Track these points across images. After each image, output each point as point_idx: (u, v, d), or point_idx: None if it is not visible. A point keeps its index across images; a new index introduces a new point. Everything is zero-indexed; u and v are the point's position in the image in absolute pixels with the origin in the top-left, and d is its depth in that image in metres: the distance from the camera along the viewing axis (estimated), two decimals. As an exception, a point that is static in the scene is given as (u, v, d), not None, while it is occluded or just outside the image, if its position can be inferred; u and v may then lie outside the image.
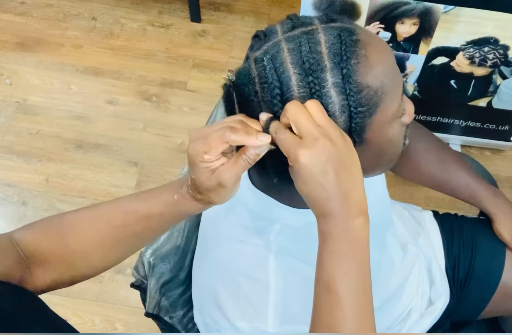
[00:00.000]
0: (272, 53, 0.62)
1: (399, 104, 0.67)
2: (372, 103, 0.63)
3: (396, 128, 0.68)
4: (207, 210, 0.87)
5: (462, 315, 1.08)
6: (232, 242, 0.78)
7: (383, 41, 0.67)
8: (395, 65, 0.67)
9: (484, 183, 1.07)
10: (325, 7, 1.41)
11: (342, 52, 0.61)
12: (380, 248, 0.92)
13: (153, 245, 0.93)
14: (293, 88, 0.62)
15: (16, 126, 1.89)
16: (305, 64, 0.61)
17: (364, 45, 0.63)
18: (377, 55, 0.63)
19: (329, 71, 0.61)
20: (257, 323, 0.74)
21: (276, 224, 0.76)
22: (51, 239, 0.73)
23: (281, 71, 0.62)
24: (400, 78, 0.67)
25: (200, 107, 1.93)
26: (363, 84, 0.62)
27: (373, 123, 0.65)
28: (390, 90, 0.65)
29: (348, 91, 0.62)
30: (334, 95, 0.62)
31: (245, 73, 0.65)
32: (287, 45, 0.62)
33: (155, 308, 0.92)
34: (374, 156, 0.69)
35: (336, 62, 0.61)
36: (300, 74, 0.61)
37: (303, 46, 0.61)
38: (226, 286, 0.77)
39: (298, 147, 0.59)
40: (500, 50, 1.43)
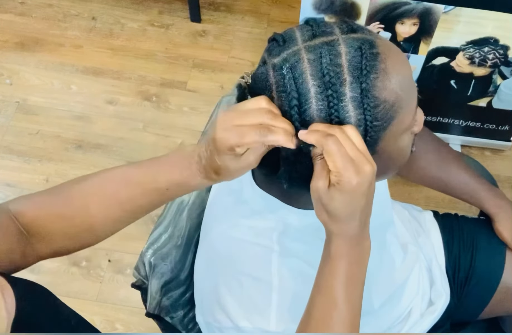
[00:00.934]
0: (291, 62, 0.62)
1: (413, 117, 0.67)
2: (388, 118, 0.63)
3: (407, 138, 0.69)
4: (209, 209, 0.88)
5: (462, 315, 1.08)
6: (235, 241, 0.78)
7: (402, 54, 0.67)
8: (411, 79, 0.67)
9: (484, 183, 1.07)
10: (325, 7, 1.41)
11: (363, 66, 0.61)
12: (381, 248, 0.92)
13: (154, 244, 0.93)
14: (311, 100, 0.61)
15: (16, 126, 1.89)
16: (325, 77, 0.61)
17: (383, 59, 0.62)
18: (395, 70, 0.63)
19: (348, 85, 0.61)
20: (260, 323, 0.74)
21: (279, 224, 0.76)
22: (53, 214, 0.72)
23: (300, 82, 0.61)
24: (415, 91, 0.67)
25: (200, 107, 1.93)
26: (380, 99, 0.62)
27: (387, 135, 0.65)
28: (406, 104, 0.65)
29: (366, 106, 0.61)
30: (351, 110, 0.62)
31: (263, 78, 0.64)
32: (307, 56, 0.62)
33: (156, 308, 0.92)
34: (384, 165, 0.69)
35: (356, 76, 0.61)
36: (319, 87, 0.61)
37: (323, 57, 0.61)
38: (229, 286, 0.77)
39: (352, 169, 0.60)
40: (500, 50, 1.43)
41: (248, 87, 0.66)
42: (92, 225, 0.73)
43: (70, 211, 0.73)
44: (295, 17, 1.49)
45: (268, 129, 0.60)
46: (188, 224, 0.95)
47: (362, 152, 0.61)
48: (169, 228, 0.94)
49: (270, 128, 0.60)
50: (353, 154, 0.60)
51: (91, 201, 0.72)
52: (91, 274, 1.64)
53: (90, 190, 0.73)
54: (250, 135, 0.60)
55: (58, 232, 0.72)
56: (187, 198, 0.97)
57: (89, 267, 1.65)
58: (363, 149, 0.61)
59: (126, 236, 1.69)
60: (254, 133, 0.60)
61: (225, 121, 0.62)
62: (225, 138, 0.61)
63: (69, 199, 0.73)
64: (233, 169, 0.64)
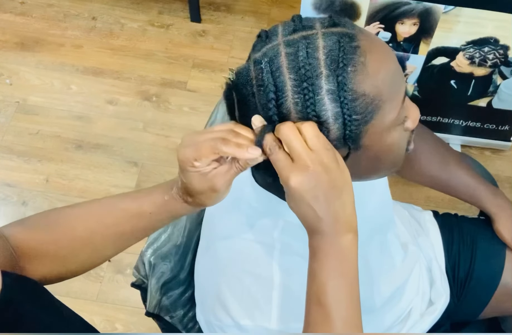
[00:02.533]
0: (270, 56, 0.62)
1: (398, 112, 0.66)
2: (368, 111, 0.63)
3: (396, 135, 0.68)
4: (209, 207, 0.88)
5: (462, 315, 1.08)
6: (236, 239, 0.78)
7: (386, 49, 0.66)
8: (397, 74, 0.66)
9: (484, 183, 1.07)
10: (325, 7, 1.41)
11: (340, 59, 0.61)
12: (381, 248, 0.92)
13: (153, 244, 0.93)
14: (288, 93, 0.62)
15: (16, 126, 1.89)
16: (301, 70, 0.61)
17: (363, 52, 0.62)
18: (376, 63, 0.62)
19: (324, 78, 0.61)
20: (261, 321, 0.74)
21: (279, 221, 0.76)
22: (41, 235, 0.73)
23: (277, 76, 0.62)
24: (401, 86, 0.66)
25: (200, 107, 1.93)
26: (359, 92, 0.62)
27: (370, 130, 0.64)
28: (389, 99, 0.64)
29: (343, 99, 0.61)
30: (328, 103, 0.61)
31: (244, 73, 0.65)
32: (285, 50, 0.62)
33: (156, 308, 0.92)
34: (373, 161, 0.69)
35: (332, 69, 0.61)
36: (295, 80, 0.61)
37: (300, 51, 0.61)
38: (230, 284, 0.77)
39: (289, 171, 0.60)
40: (500, 50, 1.43)
41: (232, 83, 0.66)
42: (75, 248, 0.74)
43: (56, 233, 0.73)
44: (295, 17, 1.49)
45: (223, 140, 0.61)
46: (188, 223, 0.95)
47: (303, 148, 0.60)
48: (168, 228, 0.94)
49: (225, 140, 0.61)
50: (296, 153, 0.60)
51: (77, 224, 0.74)
52: (91, 274, 1.64)
53: (77, 214, 0.75)
54: (204, 147, 0.61)
55: (45, 254, 0.73)
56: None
57: (89, 267, 1.65)
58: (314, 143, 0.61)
59: (126, 236, 1.69)
60: (208, 144, 0.61)
61: (186, 139, 0.64)
62: (182, 153, 0.63)
63: (56, 222, 0.75)
64: (200, 188, 0.65)
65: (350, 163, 0.66)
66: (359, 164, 0.68)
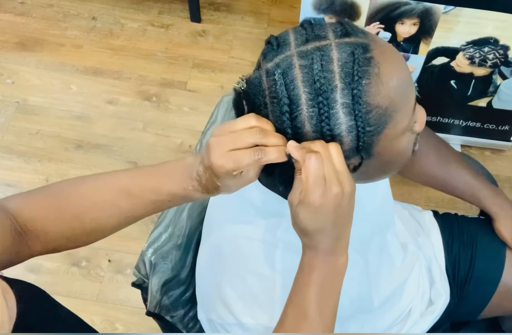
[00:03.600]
0: (283, 68, 0.62)
1: (409, 119, 0.66)
2: (381, 122, 0.63)
3: (406, 140, 0.68)
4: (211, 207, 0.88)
5: (462, 315, 1.08)
6: (239, 238, 0.78)
7: (398, 56, 0.65)
8: (408, 81, 0.65)
9: (485, 182, 1.07)
10: (325, 8, 1.41)
11: (354, 72, 0.60)
12: (381, 248, 0.92)
13: (154, 244, 0.93)
14: (302, 107, 0.61)
15: (16, 126, 1.89)
16: (316, 83, 0.60)
17: (377, 64, 0.62)
18: (389, 73, 0.62)
19: (339, 91, 0.60)
20: (263, 319, 0.74)
21: (282, 221, 0.76)
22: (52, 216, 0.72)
23: (291, 89, 0.61)
24: (412, 93, 0.66)
25: (200, 107, 1.93)
26: (373, 105, 0.62)
27: (381, 139, 0.65)
28: (401, 107, 0.64)
29: (357, 112, 0.61)
30: (342, 117, 0.61)
31: (256, 83, 0.64)
32: (299, 62, 0.61)
33: (156, 307, 0.92)
34: (383, 167, 0.69)
35: (347, 82, 0.60)
36: (310, 94, 0.61)
37: (315, 64, 0.60)
38: (232, 282, 0.77)
39: (321, 191, 0.61)
40: (500, 50, 1.43)
41: (243, 92, 0.65)
42: (88, 230, 0.74)
43: (69, 216, 0.73)
44: (295, 17, 1.49)
45: (262, 151, 0.61)
46: (189, 223, 0.95)
47: (336, 172, 0.61)
48: (169, 227, 0.94)
49: (263, 150, 0.61)
50: (327, 173, 0.61)
51: (90, 207, 0.73)
52: (91, 274, 1.64)
53: (88, 196, 0.73)
54: (245, 160, 0.61)
55: (55, 233, 0.73)
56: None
57: (89, 267, 1.65)
58: (340, 169, 0.62)
59: (126, 236, 1.69)
60: (248, 157, 0.61)
61: (218, 147, 0.63)
62: (222, 165, 0.62)
63: (68, 203, 0.73)
64: (234, 186, 0.67)
65: (360, 171, 0.67)
66: (369, 170, 0.69)
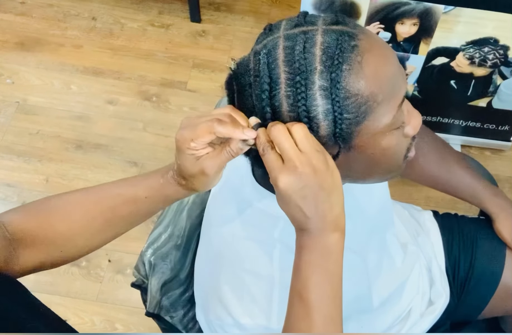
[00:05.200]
0: (268, 48, 0.63)
1: (394, 116, 0.65)
2: (361, 112, 0.62)
3: (393, 139, 0.67)
4: (210, 207, 0.88)
5: (462, 315, 1.08)
6: (236, 238, 0.78)
7: (387, 51, 0.65)
8: (396, 77, 0.65)
9: (485, 182, 1.07)
10: (325, 8, 1.41)
11: (335, 56, 0.61)
12: (381, 248, 0.92)
13: (154, 244, 0.93)
14: (281, 85, 0.62)
15: (16, 126, 1.89)
16: (296, 63, 0.61)
17: (361, 52, 0.62)
18: (374, 64, 0.62)
19: (318, 73, 0.61)
20: (261, 320, 0.74)
21: (280, 221, 0.76)
22: (39, 221, 0.74)
23: (272, 68, 0.62)
24: (399, 90, 0.65)
25: (200, 107, 1.93)
26: (352, 92, 0.61)
27: (362, 131, 0.64)
28: (384, 101, 0.63)
29: (334, 96, 0.61)
30: (319, 99, 0.61)
31: (244, 64, 0.66)
32: (284, 43, 0.63)
33: (156, 308, 0.92)
34: (367, 164, 0.69)
35: (327, 65, 0.61)
36: (289, 73, 0.62)
37: (297, 45, 0.61)
38: (230, 283, 0.77)
39: (278, 172, 0.61)
40: (500, 50, 1.43)
41: (233, 72, 0.67)
42: (74, 233, 0.75)
43: (54, 218, 0.74)
44: (295, 17, 1.49)
45: (219, 121, 0.62)
46: (188, 223, 0.95)
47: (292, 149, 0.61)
48: (168, 228, 0.94)
49: (221, 121, 0.62)
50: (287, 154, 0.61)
51: (75, 209, 0.75)
52: (91, 274, 1.64)
53: (74, 199, 0.76)
54: (201, 127, 0.63)
55: (42, 240, 0.73)
56: (187, 197, 0.97)
57: (89, 267, 1.65)
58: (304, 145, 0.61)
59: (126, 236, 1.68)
60: (205, 125, 0.63)
61: (185, 121, 0.65)
62: (180, 134, 0.64)
63: (53, 207, 0.76)
64: (191, 171, 0.66)
65: (342, 165, 0.66)
66: (352, 166, 0.68)
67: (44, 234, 0.73)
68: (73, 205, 0.76)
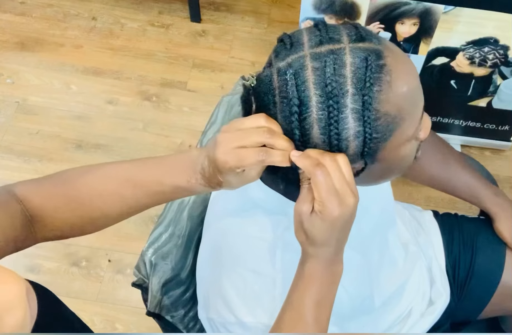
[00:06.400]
0: (295, 69, 0.62)
1: (416, 128, 0.67)
2: (389, 130, 0.63)
3: (410, 147, 0.69)
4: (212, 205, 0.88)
5: (462, 315, 1.08)
6: (239, 236, 0.78)
7: (409, 64, 0.66)
8: (418, 89, 0.66)
9: (485, 182, 1.07)
10: (325, 8, 1.41)
11: (366, 79, 0.61)
12: (383, 248, 0.92)
13: (154, 244, 0.93)
14: (312, 109, 0.62)
15: (16, 126, 1.89)
16: (328, 87, 0.61)
17: (389, 71, 0.62)
18: (400, 82, 0.63)
19: (350, 96, 0.61)
20: (263, 318, 0.74)
21: (283, 219, 0.76)
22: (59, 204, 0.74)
23: (302, 90, 0.62)
24: (420, 101, 0.67)
25: (200, 107, 1.93)
26: (382, 112, 0.62)
27: (387, 146, 0.65)
28: (409, 116, 0.64)
29: (366, 118, 0.61)
30: (351, 122, 0.62)
31: (267, 81, 0.64)
32: (312, 63, 0.62)
33: (157, 307, 0.92)
34: (384, 171, 0.70)
35: (359, 88, 0.61)
36: (321, 96, 0.61)
37: (328, 67, 0.61)
38: (233, 281, 0.77)
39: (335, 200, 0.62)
40: (500, 50, 1.43)
41: (253, 89, 0.66)
42: (93, 218, 0.75)
43: (75, 203, 0.74)
44: (295, 17, 1.49)
45: (267, 152, 0.62)
46: (189, 223, 0.95)
47: (348, 184, 0.62)
48: (169, 227, 0.94)
49: (269, 151, 0.62)
50: (338, 186, 0.62)
51: (96, 196, 0.74)
52: (91, 274, 1.64)
53: (94, 185, 0.74)
54: (249, 159, 0.62)
55: (62, 221, 0.74)
56: (188, 197, 0.97)
57: (89, 267, 1.65)
58: (350, 181, 0.63)
59: (126, 236, 1.69)
60: (253, 156, 0.62)
61: (225, 143, 0.63)
62: (226, 161, 0.63)
63: (74, 192, 0.75)
64: (235, 183, 0.67)
65: (363, 175, 0.67)
66: (371, 175, 0.69)
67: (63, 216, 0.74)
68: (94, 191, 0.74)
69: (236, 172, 0.64)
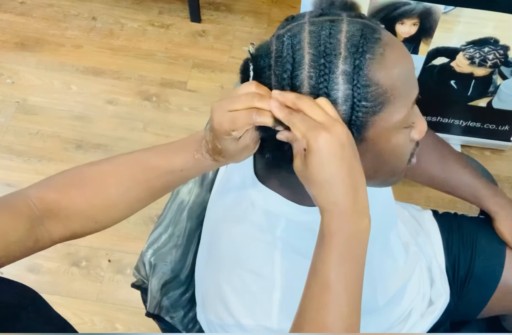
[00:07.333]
0: (293, 32, 0.64)
1: (407, 113, 0.66)
2: (378, 102, 0.64)
3: (401, 138, 0.68)
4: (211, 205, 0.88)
5: (462, 314, 1.08)
6: (238, 237, 0.78)
7: (405, 49, 0.68)
8: (412, 75, 0.67)
9: (485, 182, 1.07)
10: (325, 7, 1.41)
11: (360, 45, 0.62)
12: (385, 249, 0.92)
13: (154, 244, 0.93)
14: (304, 66, 0.63)
15: (16, 126, 1.89)
16: (321, 46, 0.62)
17: (383, 45, 0.64)
18: (394, 58, 0.64)
19: (342, 58, 0.62)
20: (262, 320, 0.74)
21: (282, 220, 0.76)
22: (72, 194, 0.74)
23: (297, 49, 0.63)
24: (414, 88, 0.67)
25: (200, 107, 1.93)
26: (373, 80, 0.63)
27: (376, 123, 0.65)
28: (401, 96, 0.65)
29: (355, 82, 0.62)
30: (341, 83, 0.62)
31: (265, 47, 0.66)
32: (309, 27, 0.64)
33: (156, 308, 0.92)
34: (373, 161, 0.69)
35: (352, 52, 0.62)
36: (314, 55, 0.63)
37: (323, 30, 0.63)
38: (231, 282, 0.77)
39: (317, 129, 0.60)
40: (500, 50, 1.43)
41: (251, 56, 0.67)
42: (109, 205, 0.75)
43: (88, 191, 0.75)
44: (295, 17, 1.49)
45: (257, 112, 0.63)
46: (188, 223, 0.95)
47: (330, 115, 0.61)
48: (169, 228, 0.94)
49: (259, 111, 0.63)
50: (321, 118, 0.60)
51: (109, 181, 0.75)
52: (91, 274, 1.64)
53: (107, 171, 0.76)
54: (241, 120, 0.64)
55: (76, 213, 0.74)
56: (187, 197, 0.97)
57: (89, 267, 1.65)
58: (333, 114, 0.61)
59: (126, 236, 1.69)
60: (244, 117, 0.63)
61: (219, 108, 0.65)
62: (220, 124, 0.64)
63: (87, 180, 0.76)
64: (234, 151, 0.68)
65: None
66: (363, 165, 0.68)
67: (78, 207, 0.74)
68: (108, 177, 0.75)
69: (231, 137, 0.65)
